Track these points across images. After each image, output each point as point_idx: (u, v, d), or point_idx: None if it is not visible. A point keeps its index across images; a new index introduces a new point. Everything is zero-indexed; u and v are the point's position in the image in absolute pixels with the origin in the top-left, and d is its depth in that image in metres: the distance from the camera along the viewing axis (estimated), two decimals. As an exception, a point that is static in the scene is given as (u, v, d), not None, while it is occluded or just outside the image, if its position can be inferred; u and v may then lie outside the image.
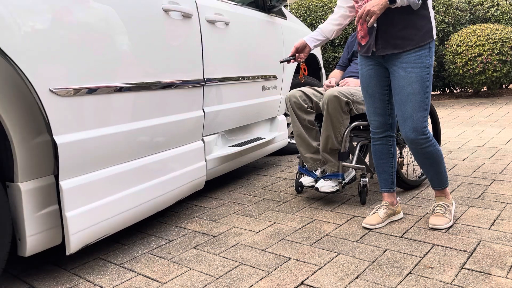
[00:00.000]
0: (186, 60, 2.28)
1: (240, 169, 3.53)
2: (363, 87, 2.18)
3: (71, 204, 1.67)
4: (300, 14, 7.90)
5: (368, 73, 2.12)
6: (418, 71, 1.95)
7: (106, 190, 1.83)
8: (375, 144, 2.24)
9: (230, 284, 1.68)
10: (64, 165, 1.64)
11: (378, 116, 2.17)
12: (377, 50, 2.02)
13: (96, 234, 1.80)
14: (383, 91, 2.13)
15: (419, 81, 1.95)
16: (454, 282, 1.60)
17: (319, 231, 2.14)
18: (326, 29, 2.30)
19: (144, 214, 2.07)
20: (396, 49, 1.96)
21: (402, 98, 1.98)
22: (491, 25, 6.93)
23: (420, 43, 1.94)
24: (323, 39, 2.32)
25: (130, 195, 1.95)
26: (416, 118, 1.97)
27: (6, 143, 1.61)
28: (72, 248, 1.69)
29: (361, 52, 2.13)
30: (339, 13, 2.27)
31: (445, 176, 2.15)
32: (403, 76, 1.97)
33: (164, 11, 2.12)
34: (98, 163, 1.80)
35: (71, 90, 1.65)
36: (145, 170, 2.04)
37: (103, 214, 1.81)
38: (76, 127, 1.68)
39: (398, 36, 1.95)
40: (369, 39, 2.03)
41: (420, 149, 2.03)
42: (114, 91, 1.85)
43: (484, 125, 4.92)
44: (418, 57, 1.94)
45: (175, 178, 2.25)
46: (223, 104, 2.65)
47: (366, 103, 2.19)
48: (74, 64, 1.67)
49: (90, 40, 1.73)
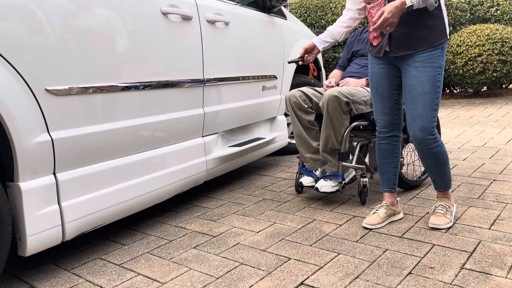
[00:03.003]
0: (186, 60, 2.30)
1: (240, 169, 3.53)
2: (372, 86, 2.17)
3: (67, 195, 1.77)
4: (300, 14, 7.90)
5: (379, 72, 2.11)
6: (430, 71, 1.94)
7: (104, 181, 1.93)
8: (380, 143, 2.24)
9: (230, 284, 1.68)
10: (60, 159, 1.73)
11: (386, 115, 2.17)
12: (390, 51, 2.01)
13: (93, 223, 1.91)
14: (392, 90, 2.12)
15: (430, 81, 1.94)
16: (454, 282, 1.60)
17: (319, 231, 2.15)
18: (335, 31, 2.31)
19: (146, 204, 2.21)
20: (409, 49, 1.95)
21: (412, 97, 1.98)
22: (491, 25, 6.93)
23: (434, 43, 1.93)
24: (331, 41, 2.33)
25: (130, 187, 2.06)
26: (425, 118, 1.96)
27: (6, 143, 1.61)
28: (68, 236, 1.78)
29: (372, 52, 2.12)
30: (348, 15, 2.27)
31: (449, 178, 2.15)
32: (415, 75, 1.96)
33: (163, 14, 2.13)
34: (95, 157, 1.89)
35: (67, 89, 1.70)
36: (146, 163, 2.15)
37: (100, 204, 1.91)
38: (74, 123, 1.76)
39: (411, 36, 1.94)
40: (382, 40, 2.02)
41: (427, 149, 2.02)
42: (113, 91, 1.90)
43: (484, 125, 4.92)
44: (431, 57, 1.94)
45: (176, 172, 2.34)
46: (223, 104, 2.65)
47: (374, 102, 2.19)
48: (71, 65, 1.72)
49: (89, 42, 1.79)
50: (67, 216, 1.76)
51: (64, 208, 1.75)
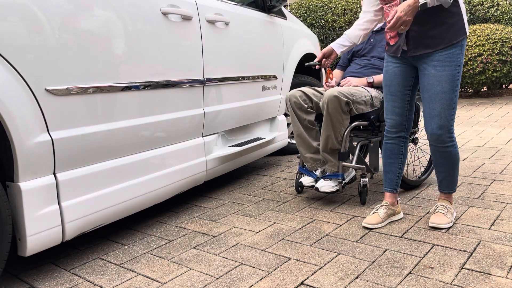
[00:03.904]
0: (186, 60, 2.30)
1: (240, 169, 3.53)
2: (385, 84, 2.15)
3: (67, 195, 1.77)
4: (300, 14, 7.90)
5: (394, 71, 2.10)
6: (450, 70, 1.92)
7: (104, 181, 1.93)
8: (387, 143, 2.23)
9: (230, 284, 1.68)
10: (60, 159, 1.72)
11: (396, 115, 2.16)
12: (408, 50, 1.99)
13: (93, 223, 1.91)
14: (405, 90, 2.11)
15: (449, 80, 1.93)
16: (454, 282, 1.61)
17: (319, 231, 2.14)
18: (352, 35, 2.31)
19: (146, 204, 2.20)
20: (427, 48, 1.93)
21: (431, 96, 1.97)
22: (491, 25, 6.93)
23: (452, 41, 1.90)
24: (350, 44, 2.34)
25: (130, 187, 2.06)
26: (444, 116, 1.96)
27: (6, 143, 1.61)
28: (68, 236, 1.78)
29: (389, 52, 2.10)
30: (365, 18, 2.27)
31: (455, 181, 2.15)
32: (434, 74, 1.94)
33: (163, 14, 2.13)
34: (95, 157, 1.89)
35: (67, 89, 1.70)
36: (146, 164, 2.15)
37: (100, 204, 1.91)
38: (74, 123, 1.76)
39: (429, 35, 1.92)
40: (399, 39, 2.00)
41: (442, 147, 2.02)
42: (114, 91, 1.90)
43: (484, 125, 4.92)
44: (450, 55, 1.91)
45: (176, 172, 2.34)
46: (223, 104, 2.65)
47: (386, 100, 2.18)
48: (71, 65, 1.72)
49: (89, 42, 1.80)
50: (67, 216, 1.76)
51: (64, 208, 1.75)
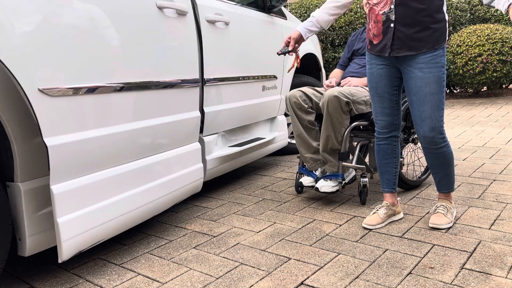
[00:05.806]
0: (186, 61, 2.26)
1: (240, 169, 3.53)
2: (371, 86, 2.15)
3: (63, 210, 1.59)
4: (300, 14, 7.90)
5: (379, 72, 2.10)
6: (435, 71, 1.94)
7: (100, 194, 1.75)
8: (380, 144, 2.23)
9: (230, 284, 1.68)
10: (55, 168, 1.56)
11: (386, 116, 2.16)
12: (392, 50, 2.00)
13: (89, 241, 1.73)
14: (392, 91, 2.12)
15: (436, 81, 1.95)
16: (454, 282, 1.60)
17: (319, 231, 2.14)
18: (322, 20, 2.31)
19: (138, 220, 1.99)
20: (411, 51, 1.96)
21: (420, 98, 1.98)
22: (491, 25, 6.93)
23: (435, 46, 1.94)
24: (317, 30, 2.36)
25: (123, 200, 1.87)
26: (434, 118, 1.97)
27: (6, 143, 1.61)
28: (65, 256, 1.62)
29: (373, 51, 2.10)
30: (335, 2, 2.26)
31: (453, 180, 2.15)
32: (420, 77, 1.96)
33: (158, 8, 2.05)
34: (91, 166, 1.72)
35: (61, 90, 1.56)
36: (138, 173, 1.96)
37: (96, 220, 1.72)
38: (68, 129, 1.60)
39: (414, 38, 1.94)
40: (384, 39, 2.01)
41: (435, 148, 2.02)
42: (106, 91, 1.77)
43: (484, 125, 4.92)
44: (434, 57, 1.94)
45: (170, 182, 2.17)
46: (223, 104, 2.65)
47: (374, 102, 2.18)
48: (64, 64, 1.58)
49: (81, 39, 1.64)
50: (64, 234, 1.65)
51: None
